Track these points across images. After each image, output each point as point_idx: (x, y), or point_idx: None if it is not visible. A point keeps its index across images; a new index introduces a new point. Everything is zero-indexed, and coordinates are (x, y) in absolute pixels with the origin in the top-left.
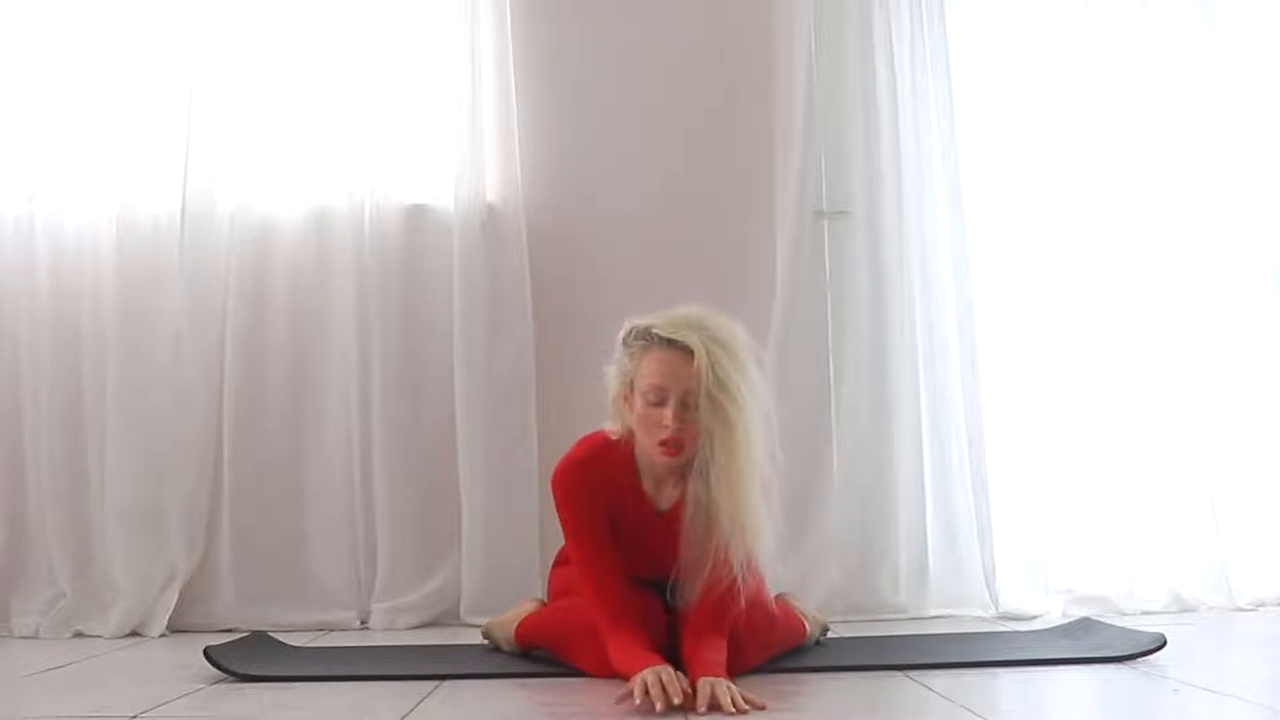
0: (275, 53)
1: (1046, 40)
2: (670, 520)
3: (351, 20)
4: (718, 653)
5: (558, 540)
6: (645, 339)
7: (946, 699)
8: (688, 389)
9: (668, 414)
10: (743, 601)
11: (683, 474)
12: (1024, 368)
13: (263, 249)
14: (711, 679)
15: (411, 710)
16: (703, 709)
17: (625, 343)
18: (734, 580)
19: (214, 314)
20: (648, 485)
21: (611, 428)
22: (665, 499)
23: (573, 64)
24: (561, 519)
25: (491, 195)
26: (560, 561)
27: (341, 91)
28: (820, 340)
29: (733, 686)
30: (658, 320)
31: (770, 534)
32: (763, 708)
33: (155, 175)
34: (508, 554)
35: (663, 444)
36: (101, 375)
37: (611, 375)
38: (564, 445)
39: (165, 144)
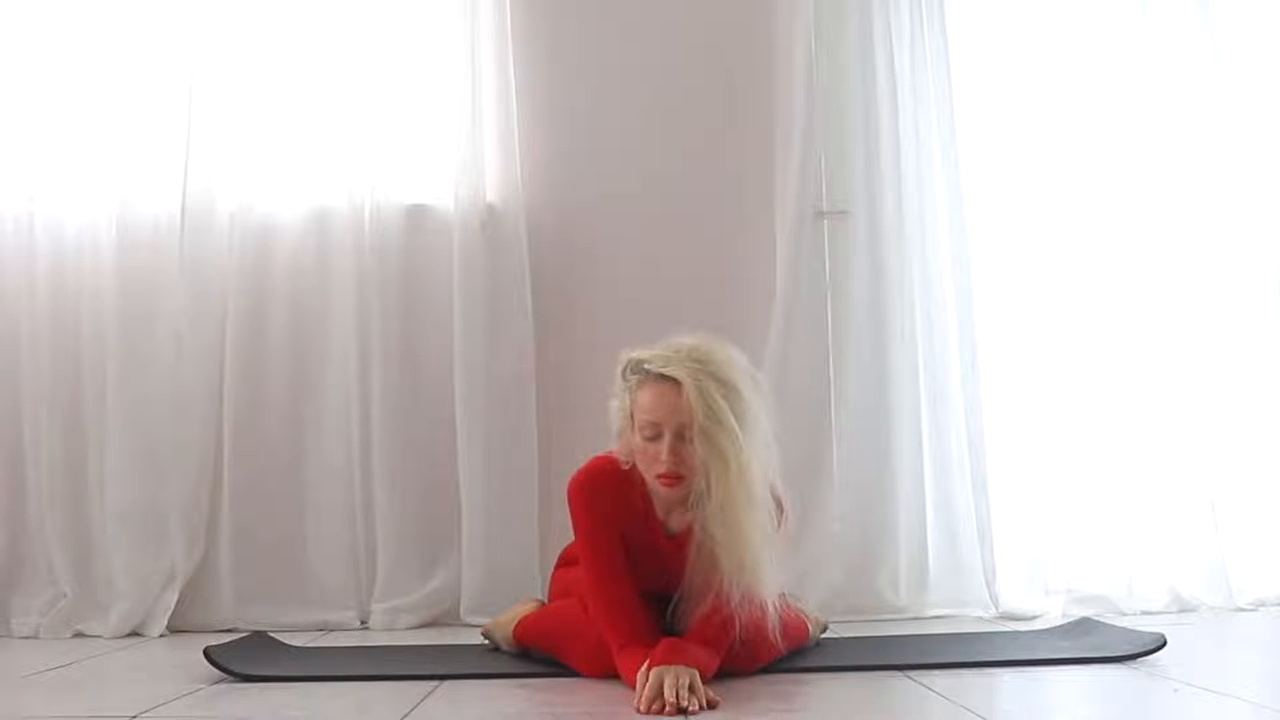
0: (275, 53)
1: (1046, 40)
2: (680, 543)
3: (351, 20)
4: (701, 651)
5: (558, 540)
6: (639, 373)
7: (946, 699)
8: (682, 422)
9: (663, 449)
10: (738, 630)
11: (687, 500)
12: (1024, 368)
13: (263, 249)
14: (663, 668)
15: (411, 710)
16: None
17: (623, 377)
18: (731, 613)
19: (214, 314)
20: (659, 509)
21: (620, 457)
22: (675, 523)
23: (573, 64)
24: (576, 528)
25: (491, 195)
26: (563, 562)
27: (341, 91)
28: (820, 340)
29: (690, 673)
30: (650, 354)
31: (772, 566)
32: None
33: (155, 175)
34: (508, 554)
35: (660, 477)
36: (101, 375)
37: (614, 409)
38: (564, 445)
39: (165, 144)
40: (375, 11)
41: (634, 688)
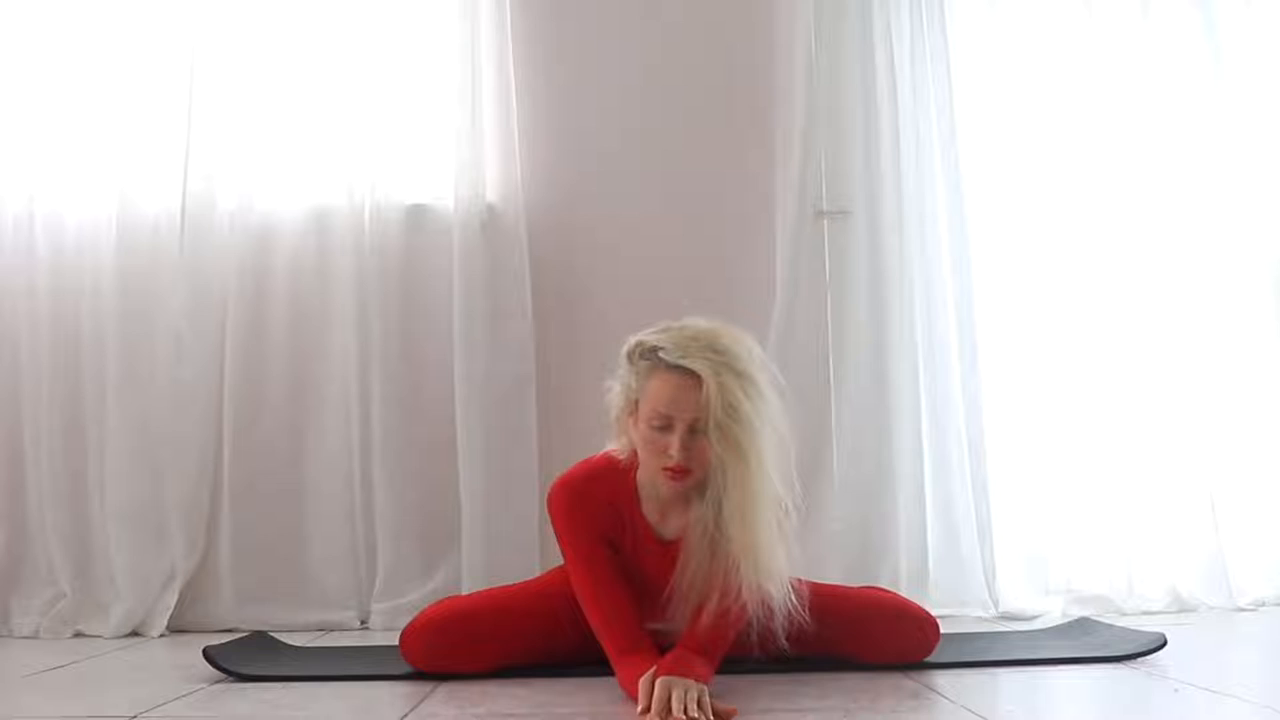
0: (275, 52)
1: (1047, 41)
2: (673, 551)
3: (352, 20)
4: (703, 664)
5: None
6: (650, 359)
7: (946, 699)
8: (695, 416)
9: (673, 442)
10: (750, 626)
11: (688, 499)
12: (1024, 368)
13: (263, 248)
14: (672, 679)
15: (411, 710)
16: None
17: (630, 359)
18: (743, 608)
19: (214, 313)
20: (649, 512)
21: (615, 447)
22: (670, 528)
23: (573, 64)
24: (560, 540)
25: (491, 195)
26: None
27: (341, 91)
28: (820, 340)
29: (699, 688)
30: (665, 340)
31: (784, 563)
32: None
33: (155, 174)
34: (508, 554)
35: (667, 470)
36: (101, 375)
37: (615, 391)
38: (564, 445)
39: (165, 143)
40: (375, 11)
41: (633, 695)
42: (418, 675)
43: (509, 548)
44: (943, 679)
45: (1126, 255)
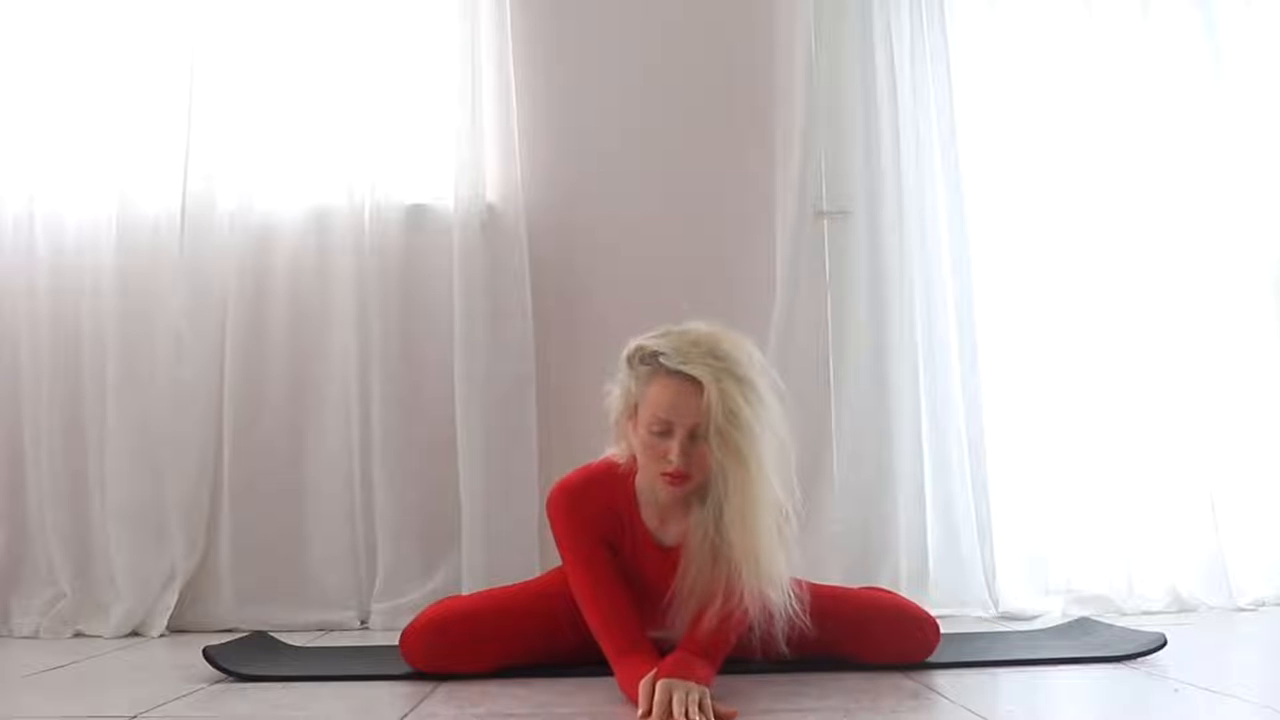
0: (275, 52)
1: (1047, 41)
2: (674, 557)
3: (352, 19)
4: (704, 666)
5: None
6: (650, 364)
7: (947, 699)
8: (696, 422)
9: (673, 448)
10: (754, 629)
11: (688, 505)
12: (1024, 368)
13: (263, 248)
14: (673, 681)
15: (411, 710)
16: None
17: (630, 364)
18: (744, 613)
19: (214, 313)
20: (649, 517)
21: (615, 452)
22: (670, 534)
23: (573, 64)
24: (559, 544)
25: (491, 195)
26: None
27: (341, 91)
28: (820, 340)
29: (700, 690)
30: (665, 344)
31: (784, 568)
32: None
33: (155, 174)
34: (508, 554)
35: (666, 476)
36: (101, 375)
37: (614, 395)
38: (564, 446)
39: (165, 143)
40: (375, 11)
41: (633, 698)
42: (418, 675)
43: (509, 548)
44: (943, 679)
45: (1126, 255)
